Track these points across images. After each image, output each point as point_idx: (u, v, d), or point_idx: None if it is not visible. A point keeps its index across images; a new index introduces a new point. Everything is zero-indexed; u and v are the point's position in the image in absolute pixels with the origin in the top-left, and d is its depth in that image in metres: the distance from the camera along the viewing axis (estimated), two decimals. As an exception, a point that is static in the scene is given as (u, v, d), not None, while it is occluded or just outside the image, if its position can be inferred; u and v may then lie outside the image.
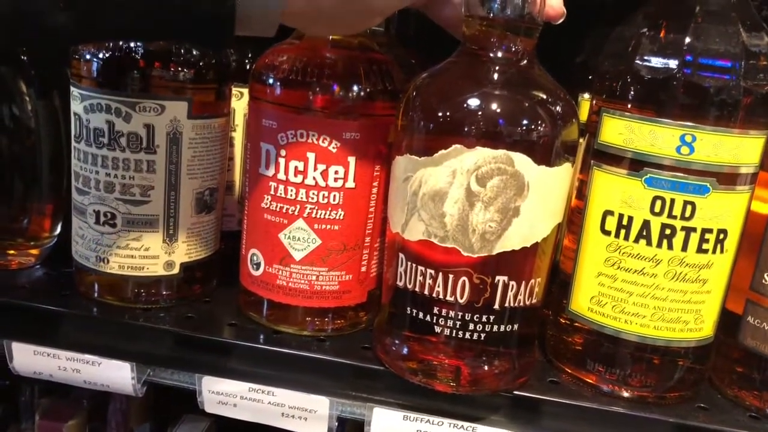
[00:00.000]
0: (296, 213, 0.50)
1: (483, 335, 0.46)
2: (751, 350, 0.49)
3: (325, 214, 0.50)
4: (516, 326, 0.47)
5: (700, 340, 0.48)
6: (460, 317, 0.46)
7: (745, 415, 0.49)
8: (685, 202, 0.45)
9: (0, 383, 0.82)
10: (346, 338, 0.54)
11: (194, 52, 0.52)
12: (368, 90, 0.49)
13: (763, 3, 0.61)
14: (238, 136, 0.64)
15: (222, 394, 0.51)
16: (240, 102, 0.62)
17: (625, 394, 0.49)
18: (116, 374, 0.52)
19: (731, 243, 0.47)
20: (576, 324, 0.50)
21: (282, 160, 0.50)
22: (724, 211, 0.45)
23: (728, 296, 0.50)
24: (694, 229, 0.45)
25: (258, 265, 0.53)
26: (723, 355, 0.51)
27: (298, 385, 0.51)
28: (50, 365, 0.52)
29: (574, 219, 0.51)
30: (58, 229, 0.63)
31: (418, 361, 0.48)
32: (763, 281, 0.48)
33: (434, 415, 0.49)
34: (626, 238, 0.47)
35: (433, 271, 0.46)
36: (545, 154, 0.44)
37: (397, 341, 0.49)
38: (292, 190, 0.50)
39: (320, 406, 0.50)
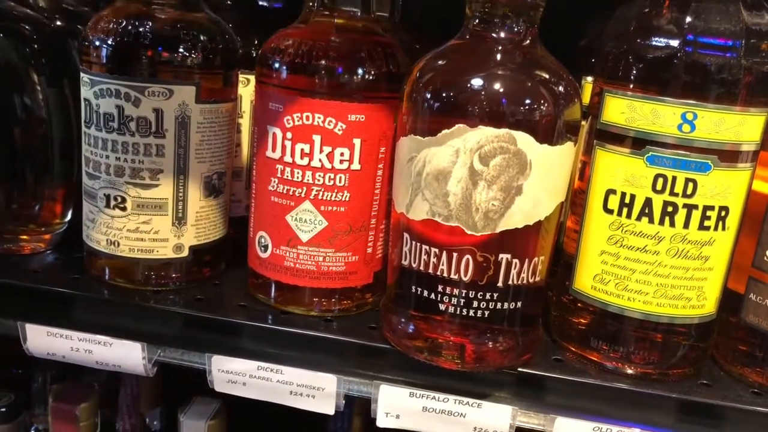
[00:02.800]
0: (303, 195, 0.51)
1: (487, 313, 0.47)
2: (754, 327, 0.50)
3: (332, 195, 0.51)
4: (519, 304, 0.47)
5: (702, 317, 0.49)
6: (464, 295, 0.46)
7: (747, 392, 0.50)
8: (687, 180, 0.45)
9: (13, 371, 0.83)
10: (353, 318, 0.55)
11: (202, 38, 0.53)
12: (373, 72, 0.49)
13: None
14: (245, 123, 0.65)
15: (231, 372, 0.52)
16: (247, 89, 0.63)
17: (629, 371, 0.50)
18: (127, 354, 0.53)
19: (733, 220, 0.47)
20: (580, 303, 0.51)
21: (288, 143, 0.50)
22: (725, 188, 0.46)
23: (730, 275, 0.50)
24: (695, 207, 0.46)
25: (266, 247, 0.53)
26: (725, 332, 0.52)
27: (306, 364, 0.52)
28: (63, 346, 0.53)
29: (576, 200, 0.52)
30: (69, 215, 0.64)
31: (424, 339, 0.48)
32: (765, 258, 0.49)
33: (440, 392, 0.50)
34: (629, 216, 0.47)
35: (437, 250, 0.46)
36: (547, 133, 0.45)
37: (403, 320, 0.49)
38: (298, 173, 0.51)
39: (328, 384, 0.50)
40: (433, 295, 0.47)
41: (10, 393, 0.79)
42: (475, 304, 0.46)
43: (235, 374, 0.52)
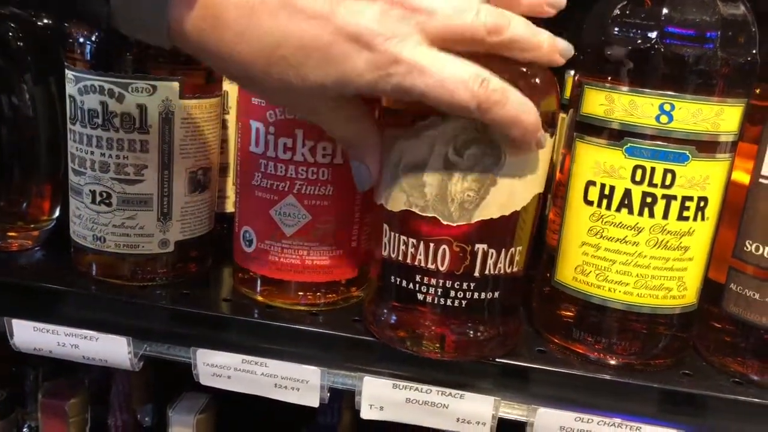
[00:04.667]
0: (286, 189, 0.51)
1: (464, 302, 0.47)
2: (734, 317, 0.50)
3: (315, 190, 0.51)
4: (497, 294, 0.48)
5: (684, 307, 0.49)
6: (441, 285, 0.47)
7: (728, 381, 0.50)
8: (665, 170, 0.46)
9: (4, 370, 0.84)
10: (338, 312, 0.55)
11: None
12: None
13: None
14: (231, 119, 0.65)
15: (216, 366, 0.52)
16: (233, 85, 0.63)
17: (612, 362, 0.50)
18: (113, 348, 0.53)
19: (712, 210, 0.47)
20: (562, 294, 0.51)
21: (271, 137, 0.51)
22: (704, 178, 0.46)
23: (711, 265, 0.51)
24: (674, 197, 0.46)
25: (250, 242, 0.54)
26: (706, 322, 0.52)
27: (291, 357, 0.52)
28: (49, 341, 0.54)
29: (558, 192, 0.52)
30: (57, 212, 0.64)
31: (405, 329, 0.49)
32: (745, 249, 0.49)
33: (424, 384, 0.50)
34: (608, 207, 0.47)
35: (414, 241, 0.47)
36: None
37: (385, 311, 0.50)
38: (281, 167, 0.51)
39: (312, 376, 0.51)
40: (412, 286, 0.47)
41: (2, 390, 0.80)
42: (453, 293, 0.47)
43: (220, 368, 0.52)
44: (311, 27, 0.37)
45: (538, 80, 0.45)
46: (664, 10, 0.45)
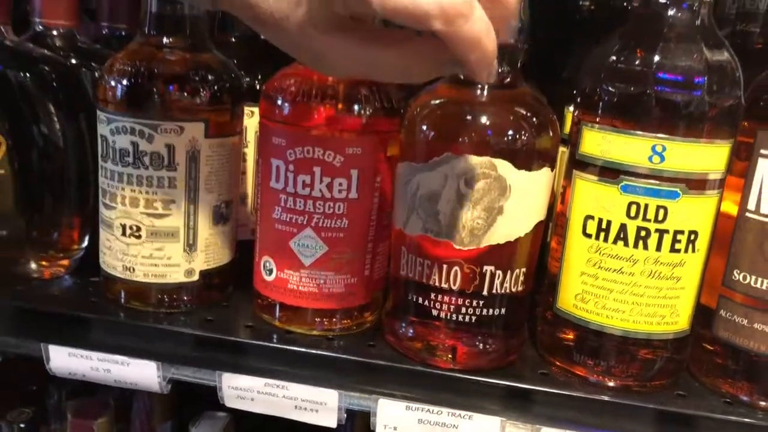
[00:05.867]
0: (305, 223, 0.55)
1: (474, 318, 0.52)
2: (725, 341, 0.53)
3: (331, 223, 0.55)
4: (504, 310, 0.53)
5: (677, 333, 0.53)
6: (453, 302, 0.52)
7: (720, 401, 0.53)
8: (658, 207, 0.49)
9: (28, 388, 0.87)
10: (352, 337, 0.58)
11: (209, 78, 0.57)
12: (369, 110, 0.54)
13: (738, 18, 0.66)
14: (250, 152, 0.69)
15: (240, 389, 0.55)
16: (252, 120, 0.67)
17: (610, 384, 0.53)
18: (143, 373, 0.56)
19: (702, 243, 0.51)
20: (563, 320, 0.54)
21: (291, 175, 0.54)
22: (694, 213, 0.50)
23: (704, 291, 0.54)
24: (667, 231, 0.50)
25: (270, 270, 0.57)
26: (700, 345, 0.55)
27: (309, 380, 0.56)
28: (83, 366, 0.57)
29: (559, 222, 0.55)
30: (86, 241, 0.68)
31: (421, 341, 0.54)
32: (733, 278, 0.53)
33: (435, 405, 0.53)
34: (605, 240, 0.51)
35: (429, 262, 0.52)
36: (525, 161, 0.50)
37: (403, 325, 0.55)
38: (300, 202, 0.55)
39: (330, 398, 0.54)
40: (427, 302, 0.53)
41: (28, 409, 0.83)
42: (464, 310, 0.52)
43: (244, 390, 0.56)
44: None
45: (537, 121, 0.49)
46: (656, 58, 0.49)
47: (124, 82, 0.55)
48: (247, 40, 0.70)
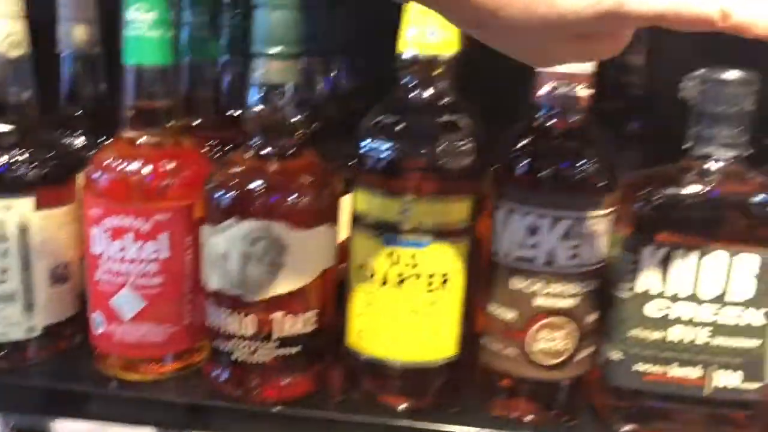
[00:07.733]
0: (123, 282, 0.62)
1: (269, 359, 0.60)
2: (487, 366, 0.62)
3: (147, 281, 0.63)
4: (297, 349, 0.60)
5: (446, 359, 0.61)
6: (251, 346, 0.59)
7: (488, 417, 0.62)
8: (411, 254, 0.58)
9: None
10: (183, 378, 0.66)
11: (37, 156, 0.64)
12: (174, 181, 0.62)
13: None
14: (98, 213, 0.76)
15: (70, 433, 0.63)
16: (97, 185, 0.74)
17: (400, 407, 0.62)
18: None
19: (455, 282, 0.59)
20: (350, 354, 0.63)
21: (108, 240, 0.62)
22: (442, 258, 0.58)
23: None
24: (420, 275, 0.58)
25: (100, 323, 0.65)
26: (469, 367, 0.64)
27: (143, 423, 0.63)
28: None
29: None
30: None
31: (233, 383, 0.62)
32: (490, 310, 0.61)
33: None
34: (374, 283, 0.59)
35: (226, 313, 0.60)
36: (302, 221, 0.58)
37: (218, 370, 0.63)
38: (116, 264, 0.62)
39: (147, 437, 0.62)
40: (229, 348, 0.61)
41: None
42: (260, 351, 0.60)
43: (76, 434, 0.63)
44: None
45: (310, 185, 0.59)
46: (398, 127, 0.57)
47: (-43, 165, 0.63)
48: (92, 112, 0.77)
